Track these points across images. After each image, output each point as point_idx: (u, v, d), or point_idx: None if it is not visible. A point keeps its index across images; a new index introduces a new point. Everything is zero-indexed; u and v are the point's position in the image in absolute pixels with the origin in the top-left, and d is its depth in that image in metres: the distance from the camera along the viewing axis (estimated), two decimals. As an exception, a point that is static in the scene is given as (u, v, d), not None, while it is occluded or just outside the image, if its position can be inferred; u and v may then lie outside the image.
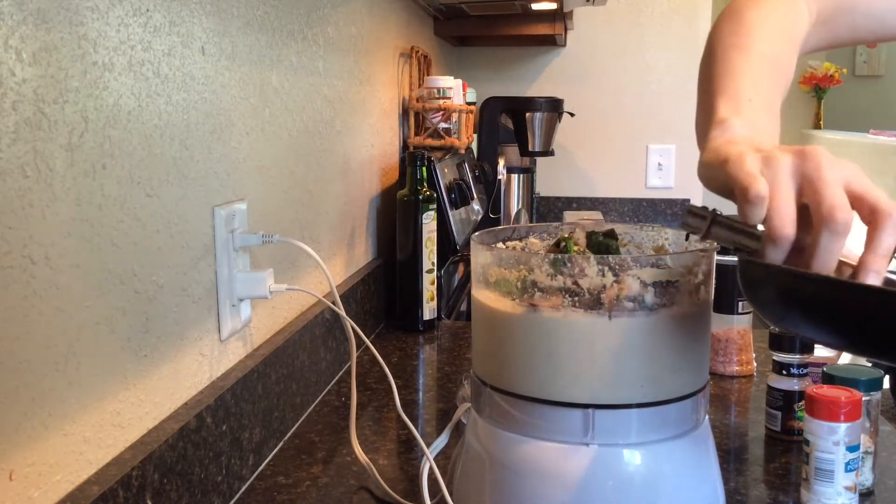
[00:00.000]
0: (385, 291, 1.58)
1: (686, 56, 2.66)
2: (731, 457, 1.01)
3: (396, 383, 0.96)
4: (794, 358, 1.02)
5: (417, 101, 1.84)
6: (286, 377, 1.04)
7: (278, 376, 1.01)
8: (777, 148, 0.60)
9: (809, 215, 0.57)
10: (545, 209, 2.77)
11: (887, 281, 0.58)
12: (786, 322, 0.58)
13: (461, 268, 1.97)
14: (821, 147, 0.58)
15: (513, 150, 2.47)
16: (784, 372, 1.02)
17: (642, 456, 0.69)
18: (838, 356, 1.21)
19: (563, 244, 0.77)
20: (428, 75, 1.96)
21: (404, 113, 1.84)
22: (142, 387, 0.74)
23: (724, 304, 1.25)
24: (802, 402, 0.99)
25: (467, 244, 1.75)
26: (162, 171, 0.77)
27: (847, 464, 0.82)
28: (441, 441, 0.98)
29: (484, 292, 0.75)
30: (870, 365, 0.98)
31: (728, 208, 0.63)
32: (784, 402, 1.03)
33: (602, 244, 0.77)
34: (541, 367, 0.70)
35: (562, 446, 0.69)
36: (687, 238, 0.80)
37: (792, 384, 1.02)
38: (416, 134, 1.85)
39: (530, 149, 2.41)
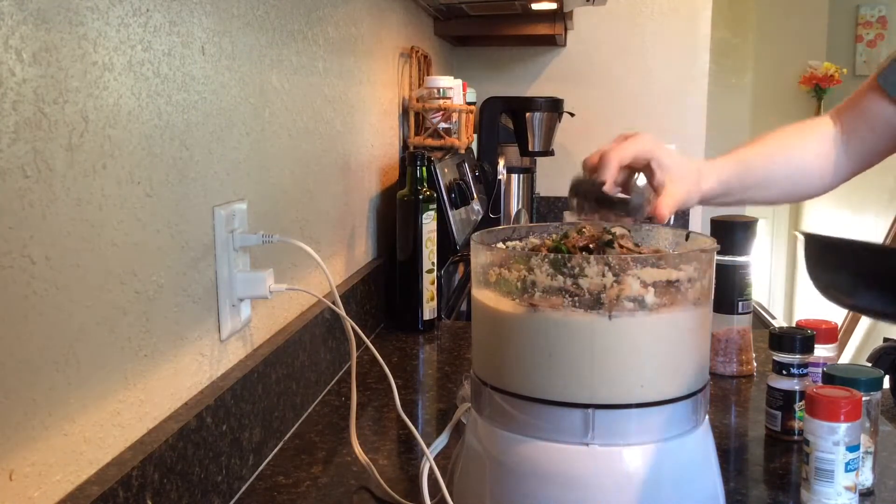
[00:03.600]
0: (385, 291, 1.58)
1: (686, 56, 2.65)
2: (731, 457, 1.01)
3: (396, 383, 0.96)
4: (794, 358, 1.01)
5: (417, 101, 1.84)
6: (286, 377, 1.04)
7: (278, 376, 1.01)
8: None
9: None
10: (545, 209, 2.77)
11: None
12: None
13: (461, 268, 1.97)
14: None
15: (513, 150, 2.46)
16: (784, 372, 1.02)
17: (642, 456, 0.69)
18: (838, 356, 1.21)
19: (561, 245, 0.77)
20: (428, 75, 1.96)
21: (404, 113, 1.84)
22: (142, 387, 0.74)
23: (724, 304, 1.25)
24: (802, 402, 0.98)
25: (467, 244, 1.75)
26: (162, 171, 0.77)
27: (847, 464, 0.82)
28: (441, 441, 0.98)
29: (484, 292, 0.75)
30: (870, 365, 0.98)
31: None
32: (784, 402, 1.03)
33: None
34: (541, 367, 0.70)
35: (562, 446, 0.69)
36: (687, 238, 0.80)
37: (792, 384, 1.02)
38: (416, 134, 1.84)
39: (530, 149, 2.41)
